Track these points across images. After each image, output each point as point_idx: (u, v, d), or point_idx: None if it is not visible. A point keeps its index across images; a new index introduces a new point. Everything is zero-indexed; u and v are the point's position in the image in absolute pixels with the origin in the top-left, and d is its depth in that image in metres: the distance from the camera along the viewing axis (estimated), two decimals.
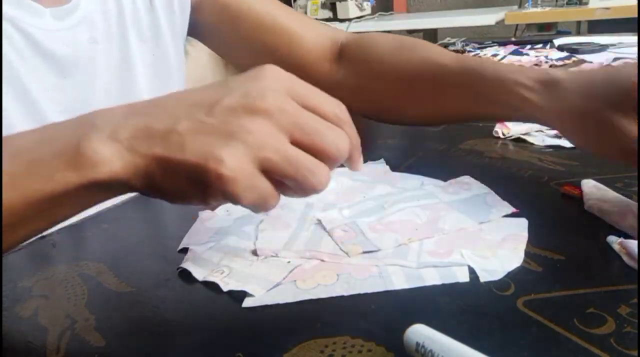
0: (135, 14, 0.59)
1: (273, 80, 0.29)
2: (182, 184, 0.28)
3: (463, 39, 1.32)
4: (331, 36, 0.63)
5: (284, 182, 0.29)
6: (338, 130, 0.30)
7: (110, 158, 0.27)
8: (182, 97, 0.30)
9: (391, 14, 2.95)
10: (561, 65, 0.89)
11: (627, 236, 0.34)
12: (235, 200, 0.28)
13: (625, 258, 0.32)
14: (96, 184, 0.28)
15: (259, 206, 0.29)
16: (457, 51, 1.16)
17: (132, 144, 0.28)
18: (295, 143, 0.28)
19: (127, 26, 0.58)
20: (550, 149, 0.53)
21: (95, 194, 0.30)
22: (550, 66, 0.89)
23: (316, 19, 2.52)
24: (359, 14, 2.66)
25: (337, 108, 0.31)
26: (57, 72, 0.52)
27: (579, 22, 2.19)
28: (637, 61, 0.79)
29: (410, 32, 2.83)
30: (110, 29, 0.57)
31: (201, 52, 2.22)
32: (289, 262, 0.36)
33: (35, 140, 0.30)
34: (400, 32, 2.96)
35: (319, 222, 0.41)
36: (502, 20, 2.24)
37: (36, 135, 0.30)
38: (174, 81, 0.65)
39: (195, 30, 0.66)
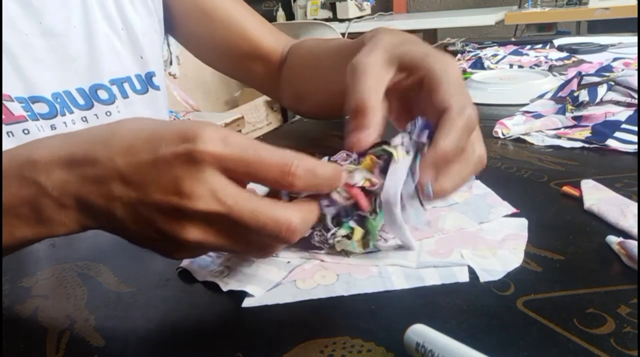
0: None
1: (204, 161, 0.26)
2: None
3: (463, 39, 1.32)
4: (283, 43, 0.69)
5: None
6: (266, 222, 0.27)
7: (66, 223, 0.29)
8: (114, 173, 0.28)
9: (391, 14, 2.95)
10: (561, 66, 0.89)
11: (626, 236, 0.34)
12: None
13: (624, 259, 0.32)
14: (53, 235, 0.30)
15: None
16: (457, 51, 1.16)
17: (83, 215, 0.29)
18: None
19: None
20: (550, 149, 0.53)
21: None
22: (550, 66, 0.89)
23: (316, 19, 2.52)
24: (359, 14, 2.66)
25: (279, 172, 0.27)
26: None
27: (578, 22, 2.20)
28: (637, 61, 0.79)
29: (410, 32, 2.83)
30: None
31: None
32: (288, 262, 0.36)
33: None
34: None
35: None
36: (502, 21, 2.24)
37: None
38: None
39: (168, 23, 0.68)
